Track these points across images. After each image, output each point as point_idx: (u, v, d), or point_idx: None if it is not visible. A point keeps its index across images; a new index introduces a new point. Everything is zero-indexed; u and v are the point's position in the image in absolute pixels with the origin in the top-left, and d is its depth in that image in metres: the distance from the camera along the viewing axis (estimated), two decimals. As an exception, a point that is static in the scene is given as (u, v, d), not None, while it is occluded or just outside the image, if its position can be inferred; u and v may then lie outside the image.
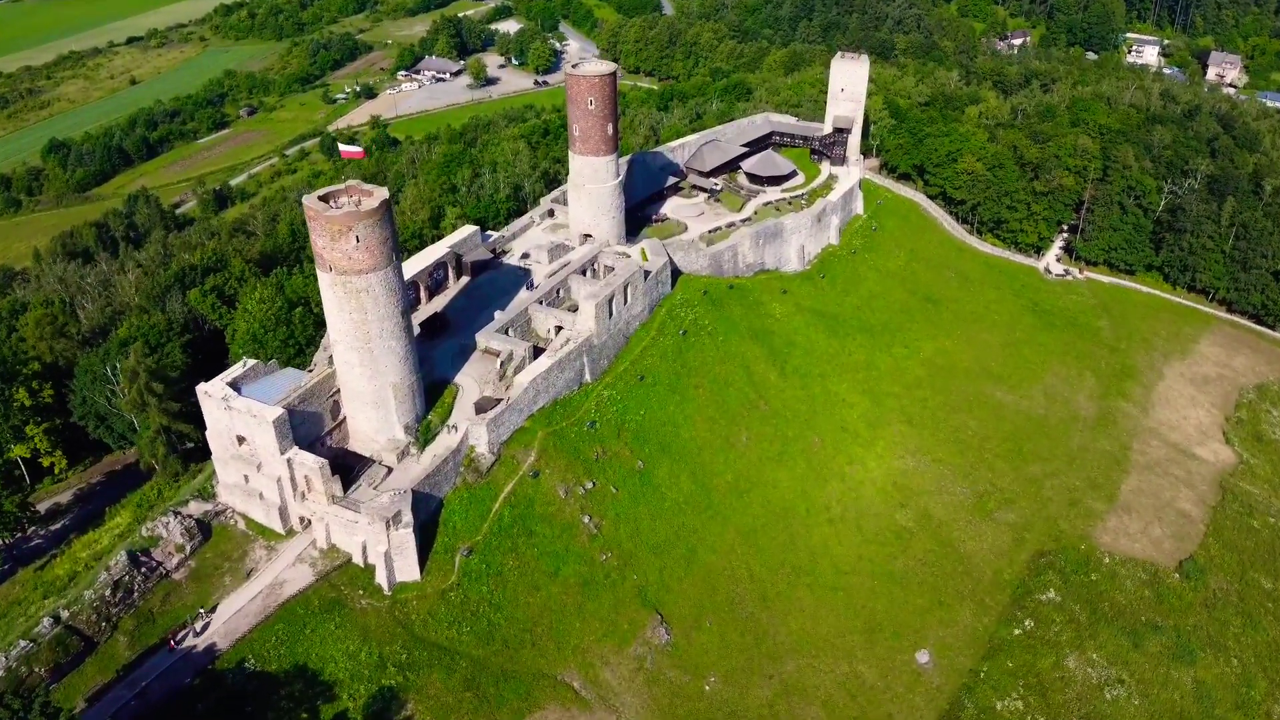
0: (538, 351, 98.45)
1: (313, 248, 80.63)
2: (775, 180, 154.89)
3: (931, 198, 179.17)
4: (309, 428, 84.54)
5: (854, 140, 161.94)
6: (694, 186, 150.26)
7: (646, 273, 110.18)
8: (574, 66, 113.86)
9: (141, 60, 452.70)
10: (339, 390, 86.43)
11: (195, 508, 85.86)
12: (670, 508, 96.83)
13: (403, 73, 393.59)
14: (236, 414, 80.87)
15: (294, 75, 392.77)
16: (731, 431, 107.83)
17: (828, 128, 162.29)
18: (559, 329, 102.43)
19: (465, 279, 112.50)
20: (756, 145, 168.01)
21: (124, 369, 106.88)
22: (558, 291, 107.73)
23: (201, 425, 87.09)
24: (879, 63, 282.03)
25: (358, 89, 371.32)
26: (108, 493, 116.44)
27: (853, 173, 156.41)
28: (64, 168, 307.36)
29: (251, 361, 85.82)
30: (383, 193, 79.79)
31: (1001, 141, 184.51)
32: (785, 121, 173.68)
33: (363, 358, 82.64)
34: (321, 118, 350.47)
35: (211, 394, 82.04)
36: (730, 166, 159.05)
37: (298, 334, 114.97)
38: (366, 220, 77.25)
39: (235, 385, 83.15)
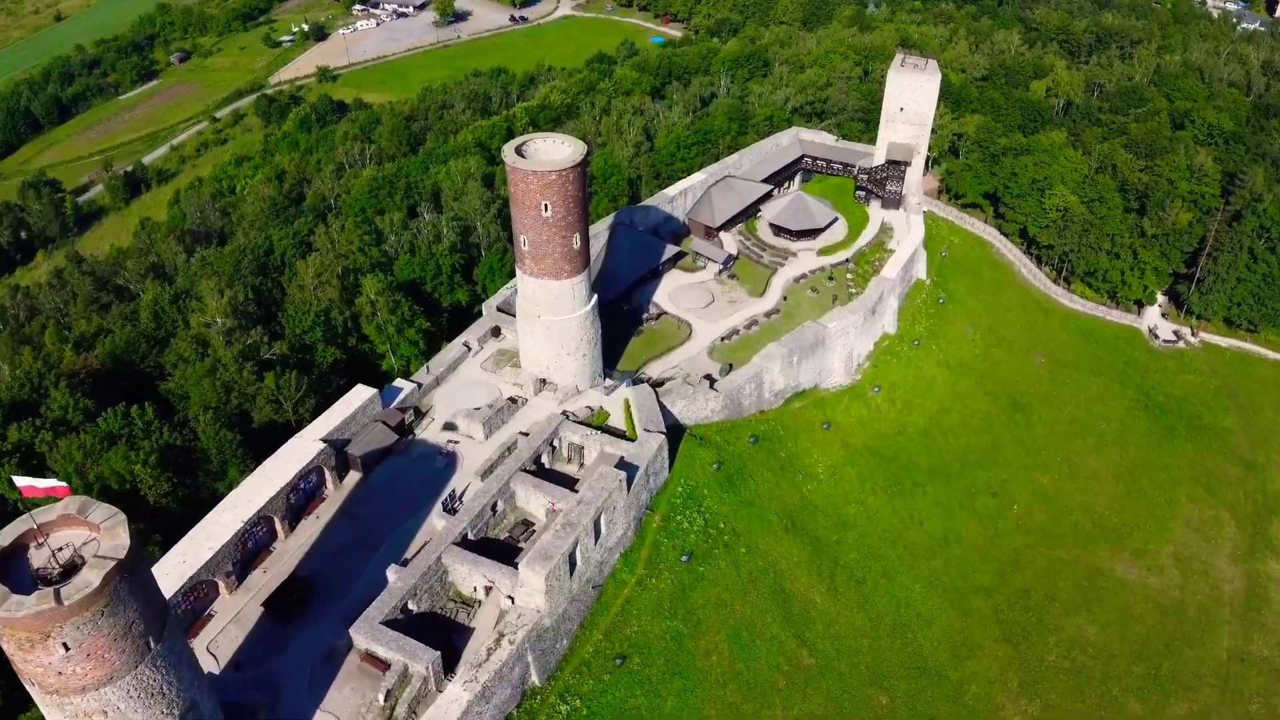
0: (453, 648, 61.11)
1: None
2: (808, 234, 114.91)
3: (1006, 233, 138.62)
4: None
5: (914, 175, 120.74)
6: (699, 254, 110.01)
7: (632, 472, 71.67)
8: (519, 150, 72.76)
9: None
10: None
11: None
12: None
13: (359, 7, 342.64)
14: None
15: (235, 10, 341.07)
16: (760, 721, 71.29)
17: (879, 157, 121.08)
18: (489, 590, 64.89)
19: (355, 475, 74.17)
20: (782, 175, 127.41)
21: None
22: (494, 507, 69.62)
23: None
24: (922, 12, 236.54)
25: (305, 28, 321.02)
26: None
27: (914, 226, 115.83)
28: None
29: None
30: (117, 541, 41.02)
31: (1095, 155, 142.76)
32: (820, 142, 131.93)
33: (111, 800, 45.38)
34: (262, 66, 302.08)
35: None
36: (748, 212, 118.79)
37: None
38: (84, 614, 39.09)
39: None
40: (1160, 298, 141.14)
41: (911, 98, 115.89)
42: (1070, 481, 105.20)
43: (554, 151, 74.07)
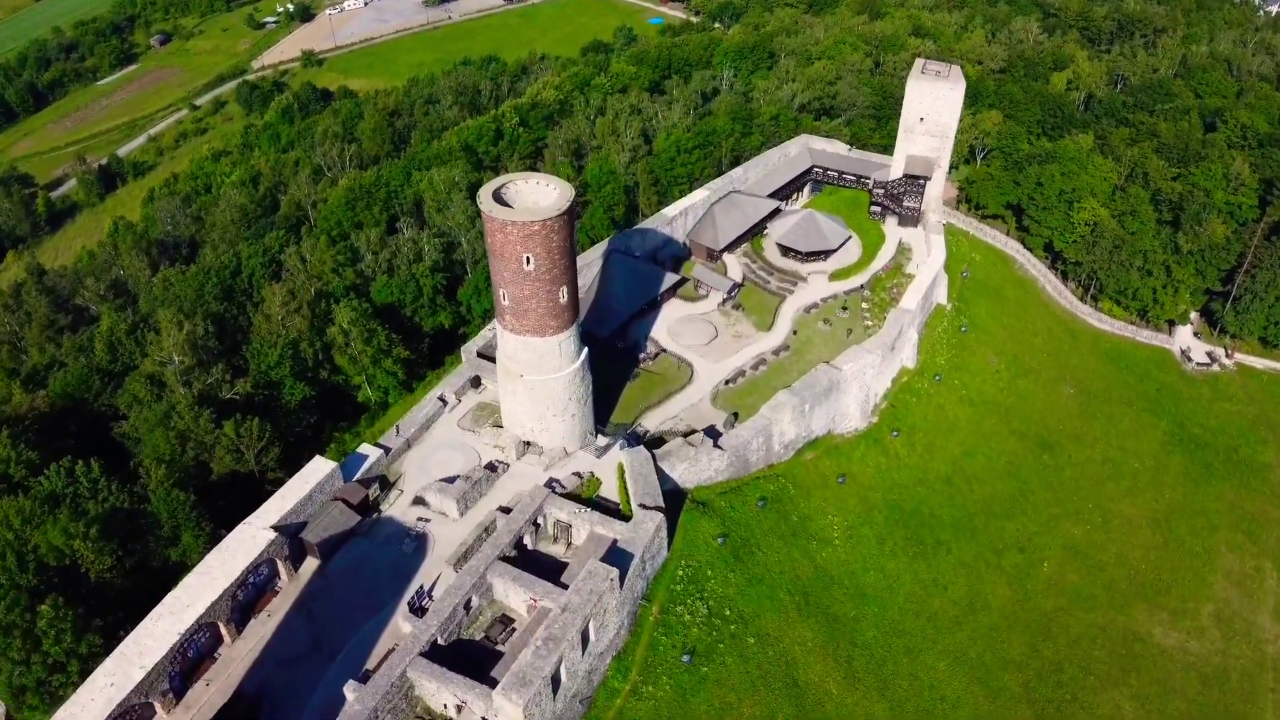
0: (423, 780, 53.15)
1: None
2: (819, 255, 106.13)
3: (1029, 247, 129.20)
4: None
5: (934, 191, 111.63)
6: (700, 283, 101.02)
7: (626, 562, 63.31)
8: (496, 195, 63.63)
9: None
10: None
11: None
12: None
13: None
14: None
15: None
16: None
17: (896, 170, 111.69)
18: (461, 708, 56.76)
19: (314, 561, 65.81)
20: (790, 187, 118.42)
21: None
22: (467, 604, 61.36)
23: None
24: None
25: (291, 8, 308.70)
26: None
27: (935, 247, 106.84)
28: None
29: None
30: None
31: (1125, 161, 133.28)
32: (831, 152, 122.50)
33: None
34: (245, 50, 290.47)
35: None
36: (754, 231, 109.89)
37: (48, 645, 68.87)
38: None
39: None
40: (1192, 315, 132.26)
41: (932, 107, 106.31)
42: (1103, 532, 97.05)
43: (537, 195, 65.08)
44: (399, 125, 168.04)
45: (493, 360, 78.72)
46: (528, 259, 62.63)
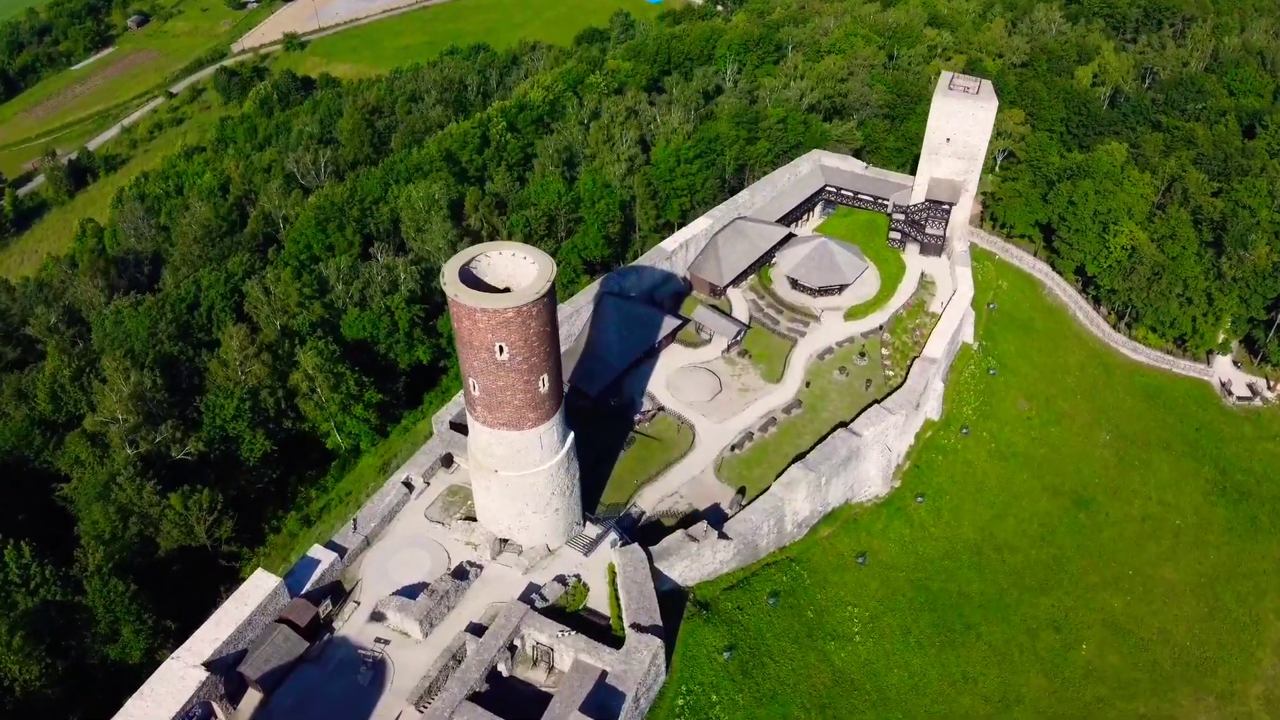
0: None
1: None
2: (834, 288, 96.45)
3: (1059, 269, 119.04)
4: None
5: (960, 217, 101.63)
6: (703, 326, 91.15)
7: (616, 703, 54.22)
8: (465, 271, 53.62)
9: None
10: None
11: None
12: None
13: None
14: None
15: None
16: None
17: (918, 193, 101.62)
18: None
19: (255, 694, 56.76)
20: (801, 209, 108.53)
21: None
22: (435, 753, 52.49)
23: None
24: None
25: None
26: None
27: (961, 281, 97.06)
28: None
29: None
30: None
31: (1161, 175, 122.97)
32: (846, 170, 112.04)
33: None
34: (225, 31, 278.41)
35: None
36: (762, 261, 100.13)
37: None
38: None
39: None
40: (1232, 344, 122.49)
41: (960, 127, 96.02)
42: (1144, 603, 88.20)
43: (512, 268, 55.26)
44: (379, 125, 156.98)
45: (467, 433, 69.39)
46: (501, 348, 52.98)
